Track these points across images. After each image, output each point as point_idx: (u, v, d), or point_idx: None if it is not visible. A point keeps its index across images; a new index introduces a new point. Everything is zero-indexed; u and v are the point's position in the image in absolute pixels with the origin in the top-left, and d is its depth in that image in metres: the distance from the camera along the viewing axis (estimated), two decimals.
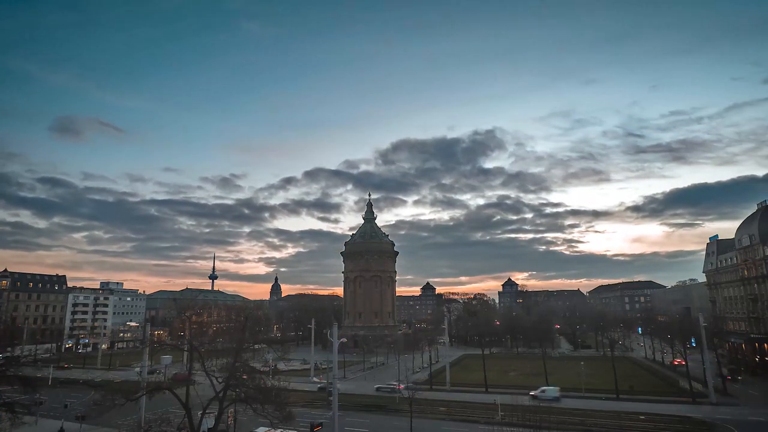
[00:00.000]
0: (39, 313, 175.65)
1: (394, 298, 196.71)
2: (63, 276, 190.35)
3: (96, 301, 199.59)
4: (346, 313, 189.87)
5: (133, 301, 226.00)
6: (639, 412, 70.45)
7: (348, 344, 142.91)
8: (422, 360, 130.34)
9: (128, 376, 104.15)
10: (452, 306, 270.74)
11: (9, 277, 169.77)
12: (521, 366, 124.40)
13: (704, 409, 73.88)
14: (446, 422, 67.09)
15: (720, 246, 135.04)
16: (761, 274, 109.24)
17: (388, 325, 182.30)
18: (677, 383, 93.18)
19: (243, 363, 52.21)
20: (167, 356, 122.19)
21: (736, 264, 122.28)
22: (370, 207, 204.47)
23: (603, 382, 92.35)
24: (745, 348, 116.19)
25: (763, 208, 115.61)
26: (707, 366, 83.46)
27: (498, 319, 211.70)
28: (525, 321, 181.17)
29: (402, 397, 74.24)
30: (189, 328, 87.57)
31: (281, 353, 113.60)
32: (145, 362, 69.29)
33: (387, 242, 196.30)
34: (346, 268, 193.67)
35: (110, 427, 63.04)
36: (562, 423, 61.33)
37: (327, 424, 60.51)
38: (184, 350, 66.33)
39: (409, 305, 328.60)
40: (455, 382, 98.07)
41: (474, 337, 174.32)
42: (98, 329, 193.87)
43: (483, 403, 76.93)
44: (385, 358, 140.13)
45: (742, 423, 64.31)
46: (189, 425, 42.38)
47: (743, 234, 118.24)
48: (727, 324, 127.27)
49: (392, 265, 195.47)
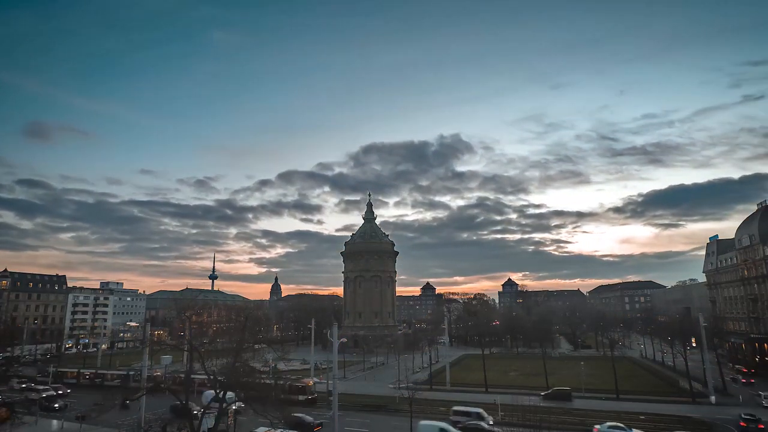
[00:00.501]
0: (39, 313, 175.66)
1: (394, 298, 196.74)
2: (63, 276, 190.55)
3: (96, 301, 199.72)
4: (346, 313, 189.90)
5: (133, 301, 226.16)
6: (639, 412, 70.36)
7: (348, 344, 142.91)
8: (422, 360, 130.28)
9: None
10: (452, 306, 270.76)
11: (9, 277, 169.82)
12: (521, 366, 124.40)
13: (704, 409, 73.85)
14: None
15: (720, 246, 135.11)
16: (761, 274, 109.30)
17: (388, 325, 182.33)
18: (677, 383, 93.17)
19: (243, 363, 52.21)
20: (167, 356, 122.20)
21: (736, 264, 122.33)
22: (369, 207, 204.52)
23: (603, 382, 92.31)
24: (745, 348, 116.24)
25: (763, 208, 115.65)
26: (707, 366, 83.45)
27: (498, 319, 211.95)
28: (525, 321, 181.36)
29: (402, 397, 74.21)
30: (189, 328, 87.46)
31: (281, 353, 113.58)
32: (145, 362, 69.20)
33: (387, 242, 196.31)
34: (346, 268, 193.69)
35: (110, 427, 63.04)
36: (562, 423, 61.33)
37: (327, 424, 60.59)
38: (184, 350, 66.35)
39: (409, 305, 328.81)
40: (455, 382, 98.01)
41: (474, 337, 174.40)
42: (98, 329, 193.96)
43: (483, 403, 76.83)
44: (385, 358, 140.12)
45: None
46: (189, 425, 42.39)
47: (743, 234, 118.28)
48: (727, 324, 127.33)
49: (392, 265, 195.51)
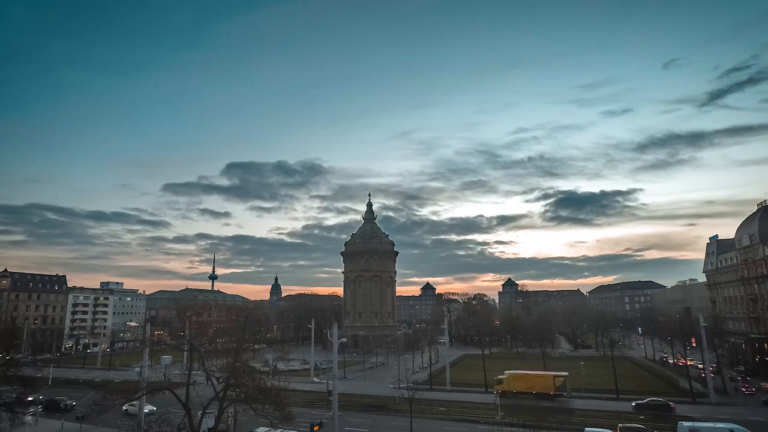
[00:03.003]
0: (39, 313, 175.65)
1: (394, 298, 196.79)
2: (63, 276, 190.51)
3: (96, 301, 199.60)
4: (346, 313, 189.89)
5: (133, 301, 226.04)
6: (639, 412, 70.44)
7: (348, 344, 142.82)
8: (422, 360, 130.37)
9: (128, 376, 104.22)
10: (452, 306, 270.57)
11: (9, 277, 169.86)
12: (521, 366, 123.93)
13: (704, 409, 73.88)
14: (446, 422, 67.02)
15: (720, 246, 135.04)
16: (761, 274, 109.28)
17: (388, 325, 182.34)
18: (677, 383, 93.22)
19: (243, 363, 52.17)
20: (167, 356, 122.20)
21: (736, 264, 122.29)
22: (369, 207, 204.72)
23: (603, 382, 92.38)
24: (745, 348, 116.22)
25: (763, 208, 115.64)
26: (707, 366, 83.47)
27: (498, 319, 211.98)
28: (525, 321, 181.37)
29: (402, 397, 74.24)
30: (189, 328, 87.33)
31: (281, 353, 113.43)
32: (145, 362, 69.18)
33: (387, 242, 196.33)
34: (346, 268, 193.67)
35: (110, 427, 63.04)
36: (562, 423, 61.38)
37: (327, 424, 60.57)
38: (184, 350, 66.36)
39: (409, 305, 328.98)
40: (455, 382, 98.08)
41: (474, 337, 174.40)
42: (98, 329, 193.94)
43: (483, 403, 76.98)
44: (385, 358, 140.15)
45: (742, 423, 64.17)
46: (189, 425, 42.35)
47: (743, 234, 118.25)
48: (727, 324, 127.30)
49: (392, 265, 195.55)
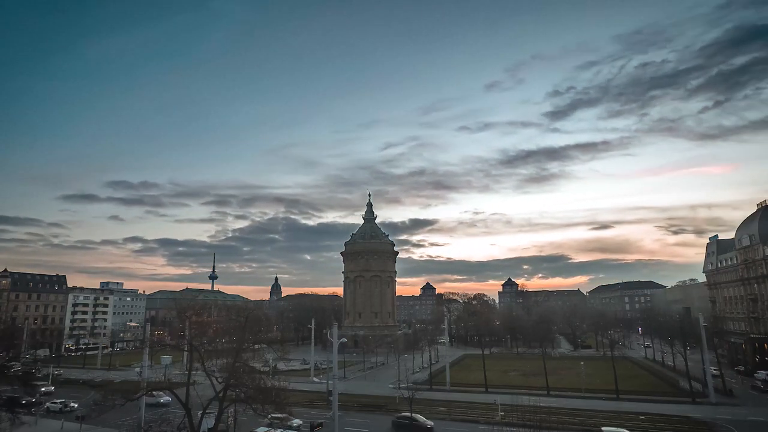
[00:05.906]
0: (39, 313, 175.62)
1: (394, 298, 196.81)
2: (63, 276, 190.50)
3: (96, 301, 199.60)
4: (346, 313, 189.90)
5: (133, 301, 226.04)
6: (639, 412, 70.43)
7: (348, 344, 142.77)
8: (422, 360, 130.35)
9: (128, 376, 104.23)
10: (452, 306, 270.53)
11: (9, 277, 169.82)
12: (521, 366, 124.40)
13: (704, 409, 73.86)
14: (446, 422, 67.00)
15: (720, 246, 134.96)
16: (761, 274, 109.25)
17: (388, 325, 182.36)
18: (677, 383, 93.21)
19: (243, 363, 52.18)
20: (167, 356, 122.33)
21: (736, 264, 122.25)
22: (369, 207, 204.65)
23: (603, 382, 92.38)
24: (745, 348, 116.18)
25: (763, 208, 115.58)
26: (707, 366, 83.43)
27: (498, 319, 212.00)
28: (525, 321, 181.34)
29: (402, 397, 74.24)
30: (189, 328, 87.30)
31: (281, 353, 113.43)
32: (145, 362, 69.23)
33: (387, 242, 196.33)
34: (346, 268, 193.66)
35: (110, 427, 63.03)
36: (562, 423, 61.35)
37: (327, 424, 60.60)
38: (184, 350, 66.38)
39: (409, 305, 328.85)
40: (455, 382, 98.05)
41: (474, 337, 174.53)
42: (98, 329, 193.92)
43: (483, 403, 76.97)
44: (385, 358, 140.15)
45: (741, 423, 64.32)
46: (189, 425, 42.37)
47: (743, 234, 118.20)
48: (727, 324, 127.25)
49: (392, 265, 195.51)
